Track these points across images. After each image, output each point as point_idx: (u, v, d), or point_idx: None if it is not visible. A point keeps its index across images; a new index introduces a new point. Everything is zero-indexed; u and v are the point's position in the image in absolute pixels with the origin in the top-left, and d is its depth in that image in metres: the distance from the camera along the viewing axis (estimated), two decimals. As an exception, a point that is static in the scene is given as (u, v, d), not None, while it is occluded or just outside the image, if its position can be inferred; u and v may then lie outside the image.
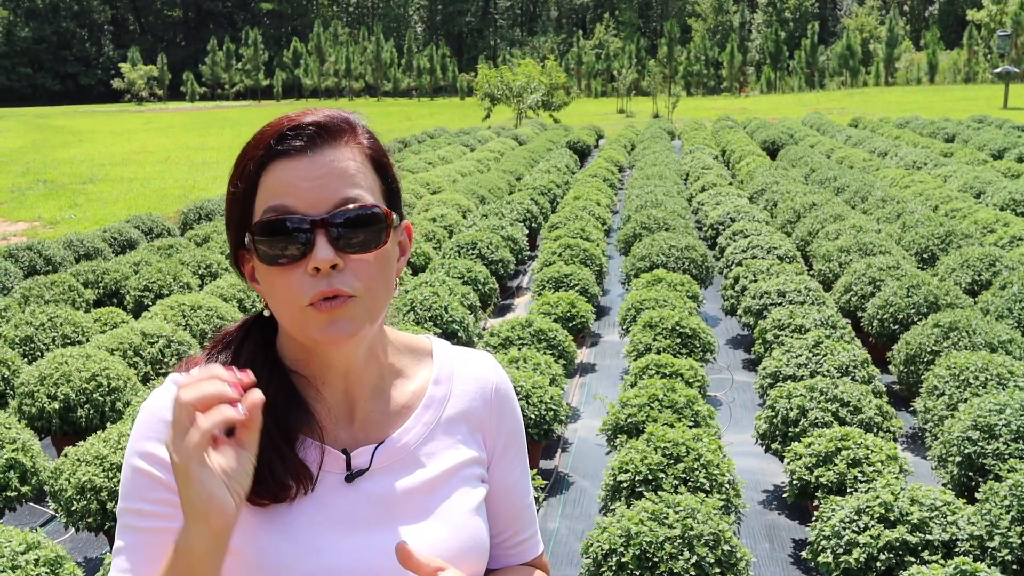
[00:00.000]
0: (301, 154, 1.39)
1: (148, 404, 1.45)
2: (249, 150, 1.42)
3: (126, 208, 20.36)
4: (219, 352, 1.49)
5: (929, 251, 10.65)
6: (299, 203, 1.38)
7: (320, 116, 1.42)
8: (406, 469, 1.49)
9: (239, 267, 1.48)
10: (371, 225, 1.40)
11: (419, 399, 1.56)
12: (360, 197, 1.40)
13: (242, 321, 1.54)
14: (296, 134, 1.39)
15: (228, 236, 1.47)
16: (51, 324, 8.17)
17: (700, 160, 20.41)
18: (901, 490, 4.53)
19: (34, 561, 3.99)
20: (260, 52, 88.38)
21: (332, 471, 1.45)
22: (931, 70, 68.57)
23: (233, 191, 1.43)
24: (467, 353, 1.65)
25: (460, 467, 1.54)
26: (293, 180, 1.38)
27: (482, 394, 1.61)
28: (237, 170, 1.43)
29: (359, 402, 1.50)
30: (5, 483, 5.38)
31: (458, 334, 8.00)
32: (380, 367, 1.53)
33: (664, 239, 10.69)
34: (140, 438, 1.43)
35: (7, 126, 52.11)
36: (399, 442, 1.50)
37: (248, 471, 1.26)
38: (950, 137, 25.50)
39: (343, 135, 1.42)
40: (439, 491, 1.50)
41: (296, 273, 1.38)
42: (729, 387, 8.25)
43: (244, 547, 1.39)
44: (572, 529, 5.93)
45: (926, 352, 7.10)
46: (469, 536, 1.50)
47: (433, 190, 17.98)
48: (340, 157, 1.40)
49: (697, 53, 74.43)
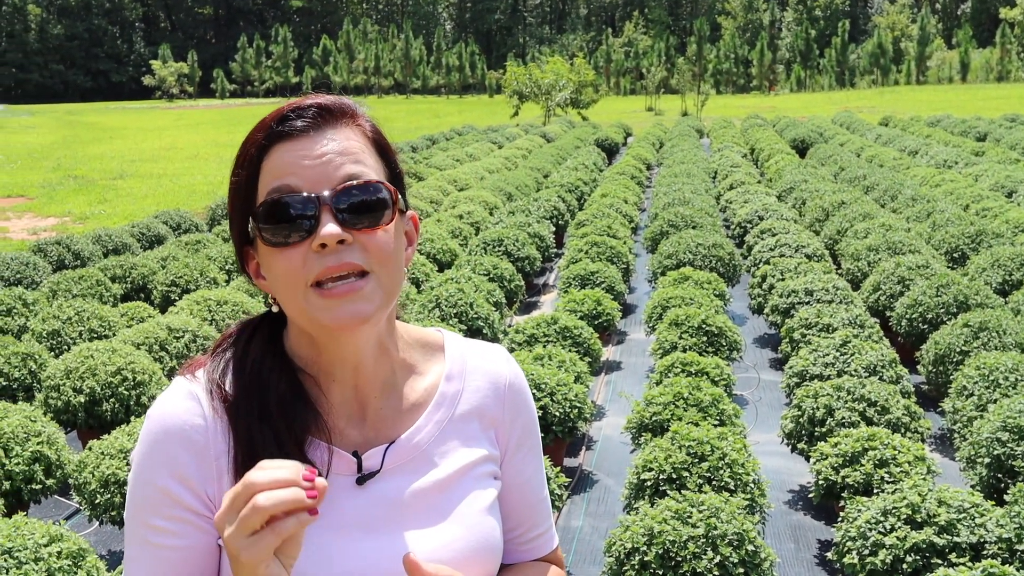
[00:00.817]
0: (303, 133, 1.37)
1: (159, 415, 1.41)
2: (250, 137, 1.40)
3: (155, 204, 20.47)
4: (224, 351, 1.47)
5: (959, 250, 10.54)
6: (303, 182, 1.35)
7: (321, 99, 1.41)
8: (418, 469, 1.46)
9: (244, 265, 1.46)
10: (377, 202, 1.37)
11: (431, 396, 1.52)
12: (364, 173, 1.38)
13: (248, 319, 1.51)
14: (297, 115, 1.38)
15: (232, 233, 1.44)
16: (78, 318, 8.20)
17: (728, 158, 20.32)
18: (928, 491, 4.47)
19: (57, 553, 3.99)
20: (290, 49, 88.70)
21: (342, 473, 1.42)
22: (963, 69, 68.06)
23: (235, 180, 1.41)
24: (479, 347, 1.62)
25: (472, 466, 1.51)
26: (295, 159, 1.36)
27: (495, 389, 1.58)
28: (239, 159, 1.41)
29: (370, 399, 1.47)
30: (31, 476, 5.41)
31: (483, 331, 7.98)
32: (391, 362, 1.50)
33: (691, 237, 10.64)
34: (154, 453, 1.39)
35: (39, 122, 52.54)
36: (411, 442, 1.47)
37: (299, 542, 1.21)
38: (982, 136, 25.28)
39: (344, 116, 1.41)
40: (452, 491, 1.48)
41: (300, 252, 1.35)
42: (755, 386, 8.20)
43: None
44: (595, 527, 5.90)
45: (955, 352, 7.02)
46: (482, 536, 1.47)
47: (460, 187, 17.98)
48: (342, 135, 1.39)
49: (727, 51, 74.14)
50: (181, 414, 1.39)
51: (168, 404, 1.41)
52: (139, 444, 1.41)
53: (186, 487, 1.37)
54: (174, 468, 1.37)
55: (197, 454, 1.38)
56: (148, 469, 1.39)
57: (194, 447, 1.38)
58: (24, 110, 66.01)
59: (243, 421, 1.39)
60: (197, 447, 1.38)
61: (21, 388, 7.06)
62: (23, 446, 5.43)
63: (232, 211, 1.43)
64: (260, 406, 1.40)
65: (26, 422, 5.59)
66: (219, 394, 1.41)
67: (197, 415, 1.39)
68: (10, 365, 7.05)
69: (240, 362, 1.44)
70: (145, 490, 1.39)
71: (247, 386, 1.41)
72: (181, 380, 1.44)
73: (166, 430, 1.39)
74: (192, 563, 1.39)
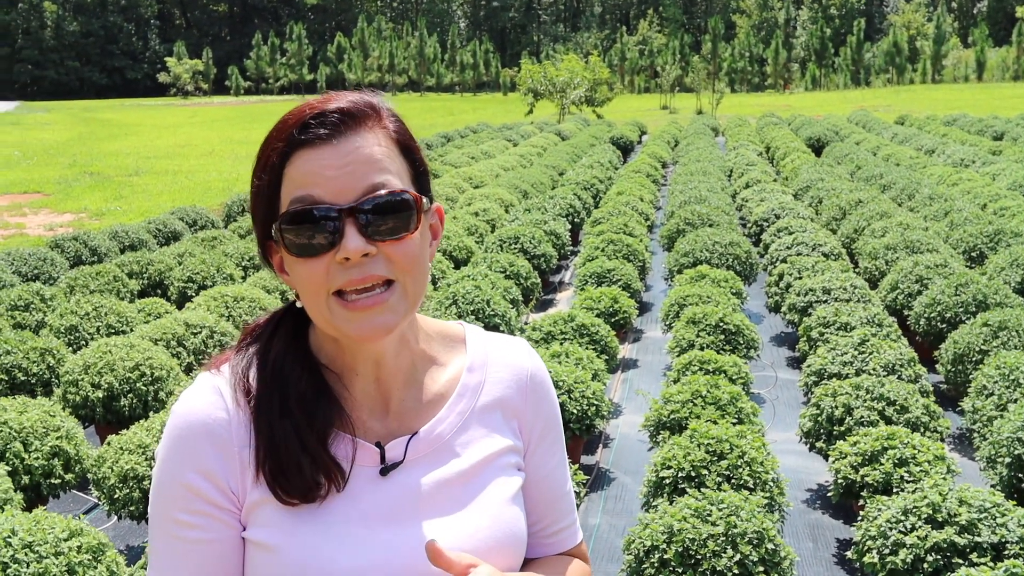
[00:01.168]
0: (325, 142, 1.35)
1: (183, 410, 1.41)
2: (271, 141, 1.38)
3: (170, 200, 20.52)
4: (249, 345, 1.47)
5: (977, 249, 10.50)
6: (326, 192, 1.34)
7: (343, 102, 1.38)
8: (440, 460, 1.46)
9: (267, 258, 1.45)
10: (401, 211, 1.36)
11: (453, 387, 1.53)
12: (389, 183, 1.36)
13: (272, 313, 1.51)
14: (319, 122, 1.36)
15: (255, 229, 1.44)
16: (96, 314, 8.23)
17: (744, 156, 20.27)
18: (949, 491, 4.45)
19: (77, 548, 4.00)
20: (304, 47, 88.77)
21: (366, 465, 1.42)
22: (979, 67, 67.77)
23: (257, 184, 1.40)
24: (501, 339, 1.62)
25: (495, 456, 1.51)
26: (318, 169, 1.35)
27: (517, 381, 1.58)
28: (260, 162, 1.40)
29: (392, 392, 1.48)
30: (49, 471, 5.42)
31: (500, 328, 7.98)
32: (412, 355, 1.50)
33: (708, 235, 10.61)
34: (179, 448, 1.39)
35: (55, 119, 52.72)
36: (433, 432, 1.47)
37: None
38: (998, 135, 25.17)
39: (368, 120, 1.39)
40: (474, 481, 1.48)
41: (323, 263, 1.35)
42: (773, 385, 8.17)
43: (283, 546, 1.37)
44: (613, 525, 5.89)
45: (974, 351, 6.99)
46: (506, 526, 1.47)
47: (476, 184, 17.97)
48: (366, 143, 1.37)
49: (741, 50, 73.95)
50: (204, 408, 1.40)
51: (192, 399, 1.42)
52: (163, 439, 1.42)
53: (210, 481, 1.38)
54: (198, 463, 1.38)
55: (221, 448, 1.38)
56: (172, 464, 1.39)
57: (218, 441, 1.38)
58: (40, 107, 66.25)
59: (264, 416, 1.39)
60: (220, 441, 1.38)
61: (39, 383, 7.08)
62: (42, 441, 5.45)
63: (255, 210, 1.42)
64: (281, 402, 1.40)
65: (45, 417, 5.60)
66: (243, 388, 1.41)
67: (220, 409, 1.40)
68: (28, 360, 7.07)
69: (263, 357, 1.44)
70: (170, 485, 1.39)
71: (269, 381, 1.42)
72: (205, 375, 1.45)
73: (189, 425, 1.39)
74: (216, 557, 1.40)
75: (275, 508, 1.38)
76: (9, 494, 4.89)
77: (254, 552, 1.39)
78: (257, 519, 1.39)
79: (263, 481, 1.38)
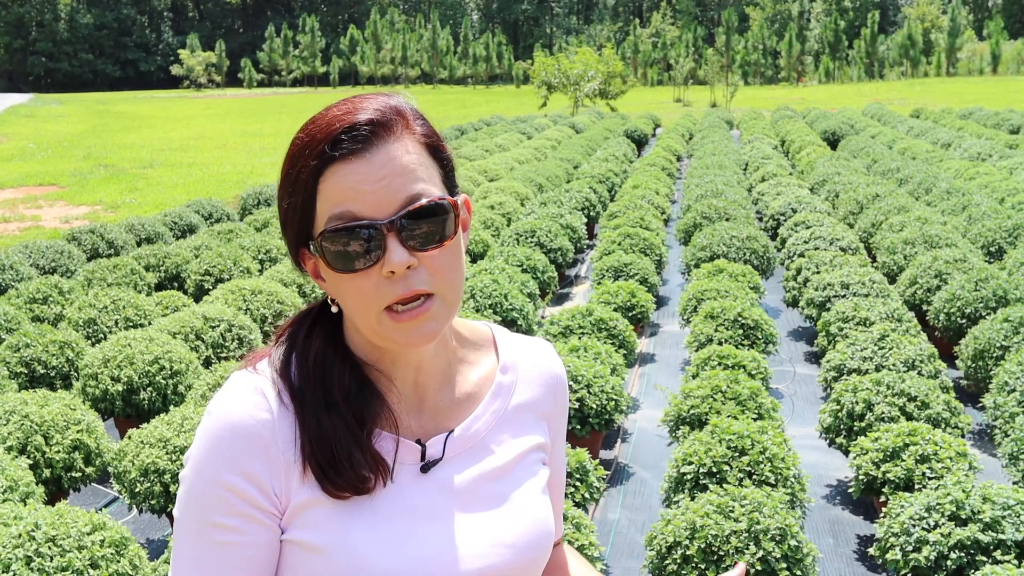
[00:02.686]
0: (359, 156, 1.34)
1: (223, 411, 1.39)
2: (301, 156, 1.36)
3: (185, 193, 20.55)
4: (286, 342, 1.46)
5: (996, 244, 10.45)
6: (364, 207, 1.33)
7: (371, 112, 1.36)
8: (476, 457, 1.49)
9: (299, 264, 1.45)
10: (440, 218, 1.37)
11: (486, 387, 1.55)
12: (425, 191, 1.36)
13: (306, 311, 1.50)
14: (351, 136, 1.34)
15: (285, 236, 1.43)
16: (114, 307, 8.24)
17: (759, 150, 20.21)
18: (972, 487, 4.43)
19: (100, 542, 4.01)
20: (317, 39, 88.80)
21: (407, 462, 1.43)
22: (994, 60, 67.45)
23: (291, 201, 1.38)
24: (528, 341, 1.65)
25: (527, 453, 1.54)
26: (354, 184, 1.33)
27: (548, 384, 1.62)
28: (290, 179, 1.38)
29: (429, 392, 1.49)
30: (70, 464, 5.44)
31: (517, 322, 7.97)
32: (448, 355, 1.52)
33: (725, 229, 10.58)
34: (220, 450, 1.37)
35: (69, 111, 52.85)
36: (469, 430, 1.49)
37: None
38: (1015, 129, 25.05)
39: (396, 127, 1.37)
40: (509, 478, 1.50)
41: (370, 279, 1.35)
42: (791, 380, 8.15)
43: (331, 545, 1.36)
44: (632, 520, 5.88)
45: (995, 347, 6.96)
46: (540, 521, 1.50)
47: (491, 177, 17.95)
48: (399, 153, 1.35)
49: (755, 42, 73.76)
50: (246, 408, 1.38)
51: (231, 399, 1.39)
52: (200, 441, 1.39)
53: (253, 483, 1.36)
54: (242, 464, 1.36)
55: (264, 449, 1.37)
56: (213, 465, 1.37)
57: (262, 442, 1.37)
58: (54, 99, 66.40)
59: (311, 411, 1.39)
60: (265, 442, 1.37)
61: (59, 376, 7.10)
62: (63, 434, 5.46)
63: (287, 224, 1.41)
64: (326, 396, 1.40)
65: (66, 410, 5.62)
66: (285, 385, 1.40)
67: (264, 409, 1.38)
68: (48, 353, 7.09)
69: (303, 354, 1.43)
70: (209, 487, 1.37)
71: (311, 377, 1.41)
72: (243, 374, 1.43)
73: (232, 425, 1.37)
74: (257, 560, 1.38)
75: (322, 508, 1.37)
76: (31, 487, 4.90)
77: (296, 553, 1.38)
78: (302, 521, 1.38)
79: (310, 478, 1.37)
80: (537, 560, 1.49)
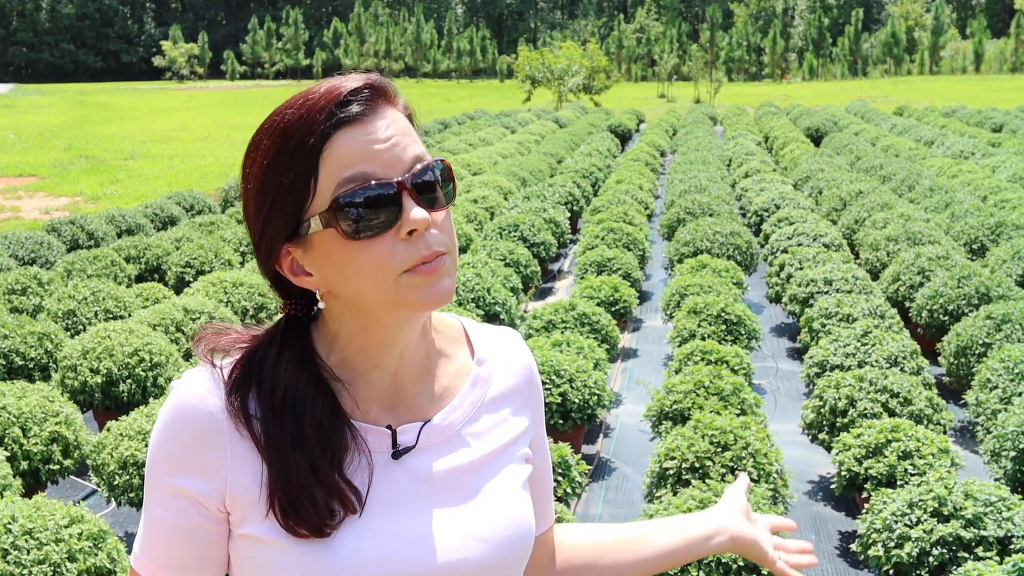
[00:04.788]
0: (367, 117, 1.32)
1: (183, 401, 1.37)
2: (301, 125, 1.30)
3: (167, 185, 20.45)
4: (250, 367, 1.39)
5: (979, 242, 10.48)
6: (378, 168, 1.31)
7: (364, 80, 1.35)
8: (453, 448, 1.45)
9: (273, 264, 1.38)
10: (446, 180, 1.37)
11: (463, 378, 1.51)
12: (425, 154, 1.36)
13: (271, 335, 1.43)
14: (356, 98, 1.32)
15: (262, 233, 1.36)
16: (94, 298, 8.18)
17: (743, 146, 20.24)
18: (955, 484, 4.43)
19: (77, 535, 3.97)
20: (300, 31, 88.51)
21: (377, 451, 1.39)
22: (977, 59, 67.76)
23: (291, 174, 1.31)
24: (497, 332, 1.61)
25: (506, 446, 1.50)
26: (365, 145, 1.31)
27: (522, 374, 1.58)
28: (285, 151, 1.31)
29: (406, 384, 1.45)
30: (48, 456, 5.39)
31: (500, 316, 7.94)
32: (427, 347, 1.49)
33: (708, 225, 10.58)
34: (176, 447, 1.35)
35: (50, 102, 52.55)
36: (446, 420, 1.46)
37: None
38: (998, 127, 25.15)
39: (389, 95, 1.37)
40: (487, 470, 1.46)
41: (386, 242, 1.31)
42: (774, 375, 8.15)
43: (289, 540, 1.33)
44: (614, 515, 5.87)
45: (977, 344, 6.97)
46: (518, 515, 1.46)
47: (474, 171, 17.92)
48: (396, 116, 1.36)
49: (739, 39, 73.84)
50: (204, 398, 1.36)
51: (190, 389, 1.37)
52: (153, 436, 1.38)
53: (203, 482, 1.35)
54: (191, 462, 1.35)
55: (219, 440, 1.34)
56: (164, 464, 1.36)
57: (217, 433, 1.35)
58: (34, 89, 66.01)
59: (275, 449, 1.34)
60: (220, 433, 1.35)
61: (37, 368, 7.04)
62: (41, 426, 5.41)
63: (270, 210, 1.34)
64: (293, 432, 1.35)
65: (44, 402, 5.56)
66: (242, 414, 1.35)
67: (217, 397, 1.36)
68: (27, 344, 7.03)
69: (271, 386, 1.37)
70: (159, 485, 1.37)
71: (279, 411, 1.35)
72: (203, 369, 1.39)
73: (182, 417, 1.35)
74: (202, 544, 1.37)
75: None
76: (8, 480, 4.85)
77: (251, 544, 1.35)
78: (258, 518, 1.35)
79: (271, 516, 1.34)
80: (514, 557, 1.44)
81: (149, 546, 1.39)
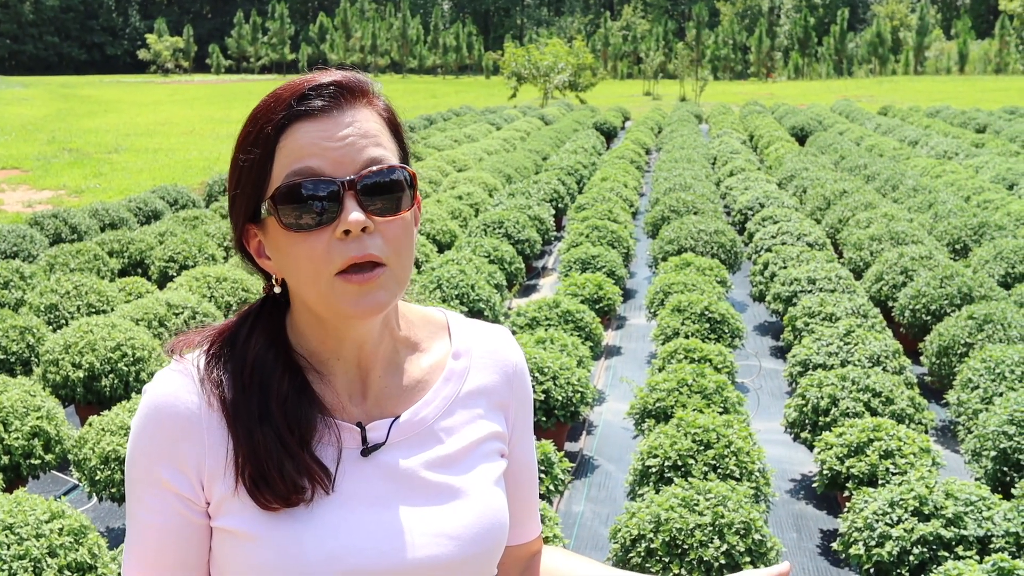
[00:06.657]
0: (325, 114, 1.34)
1: (152, 397, 1.39)
2: (264, 113, 1.35)
3: (151, 179, 20.37)
4: (223, 346, 1.42)
5: (961, 242, 10.52)
6: (325, 164, 1.32)
7: (338, 76, 1.37)
8: (424, 444, 1.44)
9: (243, 244, 1.42)
10: (398, 187, 1.36)
11: (437, 373, 1.51)
12: (385, 158, 1.35)
13: (246, 312, 1.47)
14: (317, 93, 1.34)
15: (231, 210, 1.40)
16: (76, 292, 8.14)
17: (728, 144, 20.27)
18: (935, 483, 4.45)
19: (58, 530, 3.95)
20: (286, 26, 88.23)
21: (347, 447, 1.40)
22: (961, 60, 68.02)
23: (247, 157, 1.35)
24: (484, 327, 1.61)
25: (480, 442, 1.49)
26: (317, 140, 1.33)
27: (503, 371, 1.56)
28: (249, 136, 1.36)
29: (372, 376, 1.45)
30: (29, 451, 5.36)
31: (484, 313, 7.94)
32: (394, 340, 1.48)
33: (693, 223, 10.60)
34: (154, 438, 1.37)
35: (33, 94, 52.25)
36: (417, 416, 1.45)
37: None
38: (981, 127, 25.26)
39: (362, 95, 1.38)
40: (459, 466, 1.45)
41: (323, 239, 1.32)
42: (756, 374, 8.17)
43: (263, 531, 1.34)
44: (597, 513, 5.87)
45: (959, 344, 7.00)
46: (491, 511, 1.45)
47: (459, 168, 17.90)
48: (362, 117, 1.36)
49: (725, 37, 73.93)
50: (178, 392, 1.38)
51: (164, 384, 1.39)
52: (132, 429, 1.39)
53: (181, 472, 1.36)
54: (168, 452, 1.36)
55: (194, 431, 1.36)
56: (144, 456, 1.38)
57: (192, 425, 1.36)
58: (18, 82, 65.63)
59: (243, 423, 1.36)
60: (194, 425, 1.36)
61: (19, 362, 7.01)
62: (22, 421, 5.39)
63: (237, 189, 1.38)
64: (260, 406, 1.37)
65: (25, 396, 5.54)
66: (216, 393, 1.38)
67: (193, 392, 1.37)
68: (8, 339, 7.00)
69: (240, 360, 1.40)
70: (140, 478, 1.38)
71: (247, 386, 1.38)
72: (177, 365, 1.41)
73: (159, 409, 1.37)
74: (185, 540, 1.38)
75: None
76: (-11, 474, 4.83)
77: (228, 540, 1.36)
78: (232, 507, 1.35)
79: (241, 490, 1.35)
80: (486, 554, 1.44)
81: (137, 553, 1.40)
